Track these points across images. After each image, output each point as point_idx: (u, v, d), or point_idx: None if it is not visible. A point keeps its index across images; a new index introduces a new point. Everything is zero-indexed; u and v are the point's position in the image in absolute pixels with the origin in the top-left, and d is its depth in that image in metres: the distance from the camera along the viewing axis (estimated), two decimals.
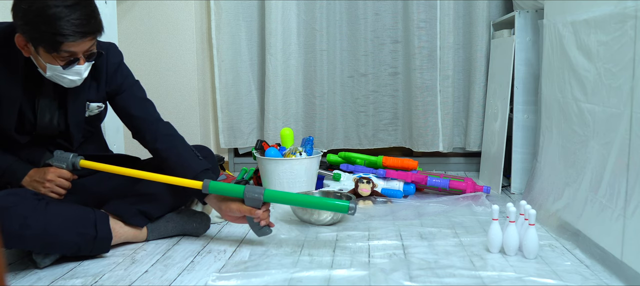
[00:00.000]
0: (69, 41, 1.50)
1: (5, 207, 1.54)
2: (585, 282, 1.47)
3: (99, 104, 1.80)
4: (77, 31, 1.50)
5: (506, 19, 2.62)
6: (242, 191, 1.69)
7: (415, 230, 1.96)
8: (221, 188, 1.70)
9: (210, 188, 1.68)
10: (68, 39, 1.50)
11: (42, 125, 1.71)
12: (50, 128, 1.73)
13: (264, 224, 1.75)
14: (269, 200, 1.72)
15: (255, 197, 1.69)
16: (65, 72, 1.57)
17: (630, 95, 1.41)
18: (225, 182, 1.71)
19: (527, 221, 1.63)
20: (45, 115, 1.71)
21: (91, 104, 1.78)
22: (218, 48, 2.98)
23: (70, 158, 1.71)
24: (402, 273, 1.54)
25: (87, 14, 1.52)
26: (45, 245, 1.61)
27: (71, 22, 1.48)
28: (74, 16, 1.48)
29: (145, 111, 1.85)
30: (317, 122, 3.03)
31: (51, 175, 1.69)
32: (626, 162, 1.43)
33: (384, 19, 2.95)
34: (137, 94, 1.86)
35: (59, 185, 1.70)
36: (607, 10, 1.54)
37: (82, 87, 1.70)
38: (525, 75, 2.42)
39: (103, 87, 1.78)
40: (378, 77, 3.01)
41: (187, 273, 1.59)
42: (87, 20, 1.52)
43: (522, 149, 2.44)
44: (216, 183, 1.69)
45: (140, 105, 1.85)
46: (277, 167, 2.31)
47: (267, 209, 1.74)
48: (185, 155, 1.81)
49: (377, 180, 2.46)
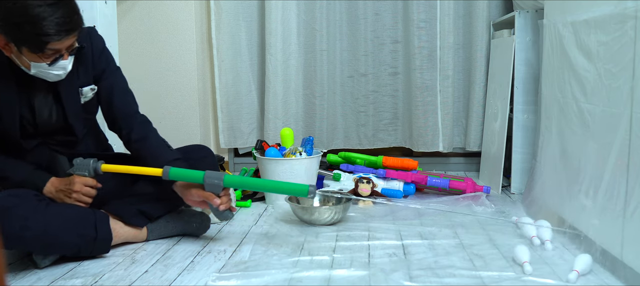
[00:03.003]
0: (53, 41, 1.50)
1: (5, 207, 1.54)
2: (585, 282, 1.47)
3: (91, 87, 1.79)
4: (61, 30, 1.50)
5: (506, 19, 2.62)
6: (202, 177, 1.70)
7: (415, 230, 1.96)
8: (181, 175, 1.71)
9: (170, 174, 1.70)
10: (53, 39, 1.50)
11: (42, 123, 1.71)
12: (50, 124, 1.73)
13: (224, 208, 1.75)
14: (229, 185, 1.73)
15: (215, 182, 1.70)
16: (50, 68, 1.58)
17: (630, 95, 1.41)
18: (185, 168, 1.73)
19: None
20: (43, 112, 1.71)
21: (84, 89, 1.77)
22: (218, 48, 2.98)
23: (90, 164, 1.72)
24: (402, 273, 1.54)
25: (69, 11, 1.52)
26: (45, 245, 1.61)
27: (55, 21, 1.48)
28: (57, 15, 1.48)
29: (126, 102, 1.87)
30: (317, 122, 3.03)
31: (77, 185, 1.70)
32: (626, 162, 1.43)
33: (384, 19, 2.95)
34: (120, 84, 1.87)
35: (85, 194, 1.72)
36: (607, 10, 1.54)
37: (71, 76, 1.70)
38: (525, 75, 2.42)
39: (90, 70, 1.78)
40: (378, 77, 3.01)
41: (187, 273, 1.59)
42: (70, 18, 1.52)
43: (522, 149, 2.44)
44: (176, 170, 1.70)
45: (121, 96, 1.86)
46: (277, 167, 2.31)
47: (226, 194, 1.75)
48: (156, 145, 1.83)
49: (377, 180, 2.46)
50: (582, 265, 1.50)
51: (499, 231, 1.92)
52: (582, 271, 1.49)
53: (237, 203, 2.33)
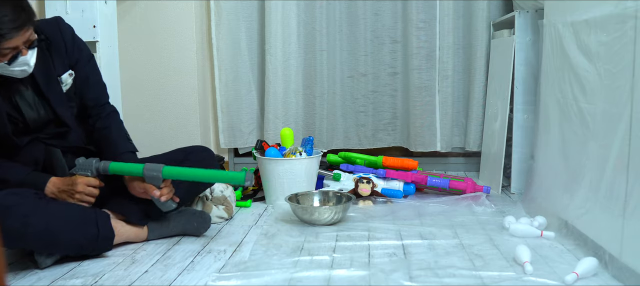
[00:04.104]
0: (6, 39, 1.50)
1: (6, 205, 1.54)
2: (585, 282, 1.47)
3: (69, 72, 1.79)
4: (12, 27, 1.50)
5: (506, 19, 2.62)
6: (142, 170, 1.73)
7: (415, 230, 1.96)
8: (121, 169, 1.75)
9: (110, 168, 1.74)
10: (5, 38, 1.50)
11: (31, 119, 1.72)
12: (39, 119, 1.74)
13: (165, 200, 1.77)
14: (167, 176, 1.75)
15: (154, 175, 1.74)
16: (12, 66, 1.58)
17: (630, 95, 1.41)
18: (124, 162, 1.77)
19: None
20: (29, 110, 1.71)
21: (63, 77, 1.78)
22: (218, 48, 2.98)
23: (93, 164, 1.74)
24: (402, 273, 1.54)
25: (16, 6, 1.52)
26: (46, 244, 1.61)
27: (4, 20, 1.48)
28: (4, 13, 1.48)
29: (98, 94, 1.89)
30: (317, 122, 3.03)
31: (80, 185, 1.71)
32: (626, 162, 1.43)
33: (384, 19, 2.95)
34: (94, 75, 1.88)
35: (88, 194, 1.73)
36: (607, 10, 1.54)
37: (47, 67, 1.71)
38: (525, 75, 2.42)
39: (65, 59, 1.79)
40: (378, 77, 3.01)
41: (187, 273, 1.59)
42: (19, 14, 1.52)
43: (522, 149, 2.44)
44: (116, 164, 1.74)
45: (94, 88, 1.88)
46: (277, 167, 2.31)
47: (167, 185, 1.77)
48: (115, 136, 1.86)
49: (377, 180, 2.46)
50: (584, 268, 1.49)
51: (499, 231, 1.92)
52: (584, 274, 1.48)
53: (237, 203, 2.33)
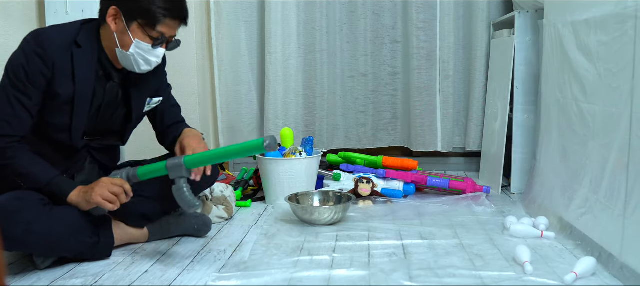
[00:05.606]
0: (169, 18, 1.57)
1: (9, 211, 1.51)
2: (585, 282, 1.47)
3: (160, 98, 1.83)
4: (177, 15, 1.59)
5: (506, 19, 2.62)
6: (164, 166, 1.63)
7: (415, 230, 1.96)
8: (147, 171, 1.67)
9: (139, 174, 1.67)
10: (170, 15, 1.57)
11: (102, 119, 1.72)
12: (108, 123, 1.75)
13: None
14: (190, 165, 1.62)
15: (176, 162, 1.61)
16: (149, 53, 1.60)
17: (630, 95, 1.41)
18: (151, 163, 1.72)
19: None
20: (107, 110, 1.72)
21: (154, 99, 1.81)
22: (218, 48, 2.98)
23: (124, 171, 1.68)
24: (402, 273, 1.54)
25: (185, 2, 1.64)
26: (48, 250, 1.61)
27: (175, 3, 1.58)
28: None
29: (174, 118, 1.89)
30: (317, 122, 3.03)
31: (102, 183, 1.60)
32: (626, 162, 1.43)
33: (384, 19, 2.95)
34: (172, 101, 1.91)
35: (111, 191, 1.59)
36: (607, 10, 1.54)
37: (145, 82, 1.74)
38: (525, 75, 2.42)
39: (157, 82, 1.82)
40: (378, 77, 3.01)
41: (187, 273, 1.59)
42: (186, 7, 1.63)
43: (522, 149, 2.44)
44: (143, 168, 1.67)
45: (172, 113, 1.89)
46: (277, 167, 2.31)
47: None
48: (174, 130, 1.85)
49: (377, 180, 2.46)
50: (583, 268, 1.49)
51: (499, 231, 1.92)
52: (583, 273, 1.48)
53: (237, 203, 2.33)
